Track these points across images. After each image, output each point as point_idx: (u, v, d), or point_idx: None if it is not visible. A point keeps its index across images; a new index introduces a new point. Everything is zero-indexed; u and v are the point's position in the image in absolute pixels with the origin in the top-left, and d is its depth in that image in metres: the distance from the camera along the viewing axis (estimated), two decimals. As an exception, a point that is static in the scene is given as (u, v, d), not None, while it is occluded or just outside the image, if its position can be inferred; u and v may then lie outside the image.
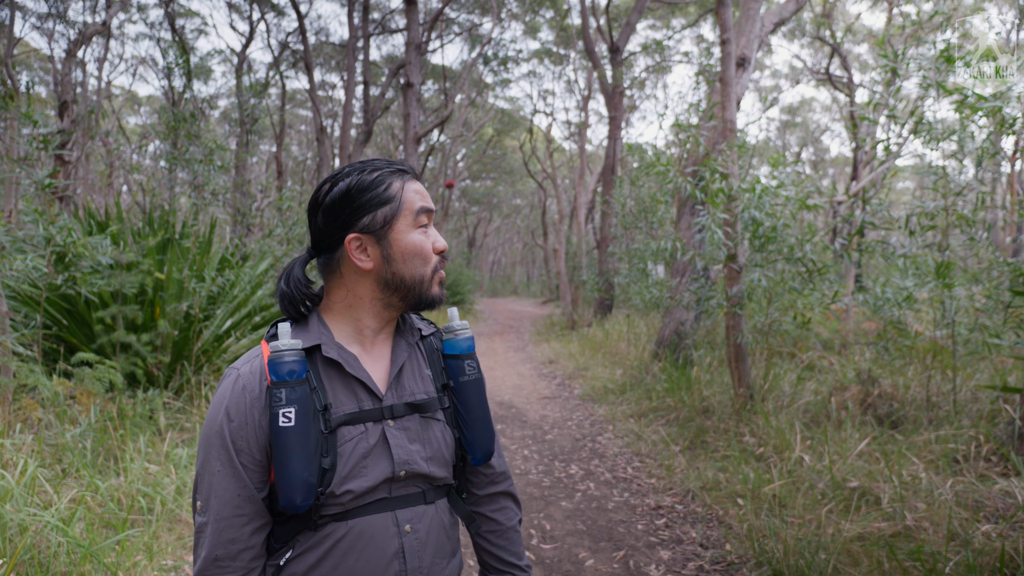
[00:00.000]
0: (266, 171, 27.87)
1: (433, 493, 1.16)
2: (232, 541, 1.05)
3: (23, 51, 20.62)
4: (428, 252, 1.13)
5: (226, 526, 1.05)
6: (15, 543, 2.51)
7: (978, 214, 4.89)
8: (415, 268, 1.12)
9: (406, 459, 1.11)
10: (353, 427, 1.09)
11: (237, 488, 1.05)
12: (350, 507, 1.08)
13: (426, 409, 1.16)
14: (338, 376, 1.12)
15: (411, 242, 1.12)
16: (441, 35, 19.86)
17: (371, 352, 1.17)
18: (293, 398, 1.03)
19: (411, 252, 1.12)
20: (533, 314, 20.92)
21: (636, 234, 12.43)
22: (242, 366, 1.10)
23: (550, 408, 6.99)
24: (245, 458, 1.05)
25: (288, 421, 1.02)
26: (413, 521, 1.12)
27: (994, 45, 3.99)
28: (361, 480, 1.07)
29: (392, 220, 1.12)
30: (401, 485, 1.12)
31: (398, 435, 1.12)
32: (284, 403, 1.02)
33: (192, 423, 4.39)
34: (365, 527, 1.08)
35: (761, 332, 5.77)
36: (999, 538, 2.81)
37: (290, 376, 1.03)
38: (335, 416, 1.08)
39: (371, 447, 1.09)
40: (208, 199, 6.52)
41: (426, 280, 1.13)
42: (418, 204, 1.13)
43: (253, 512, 1.06)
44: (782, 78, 27.12)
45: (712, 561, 3.26)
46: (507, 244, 52.79)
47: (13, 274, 4.03)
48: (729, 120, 5.43)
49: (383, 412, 1.11)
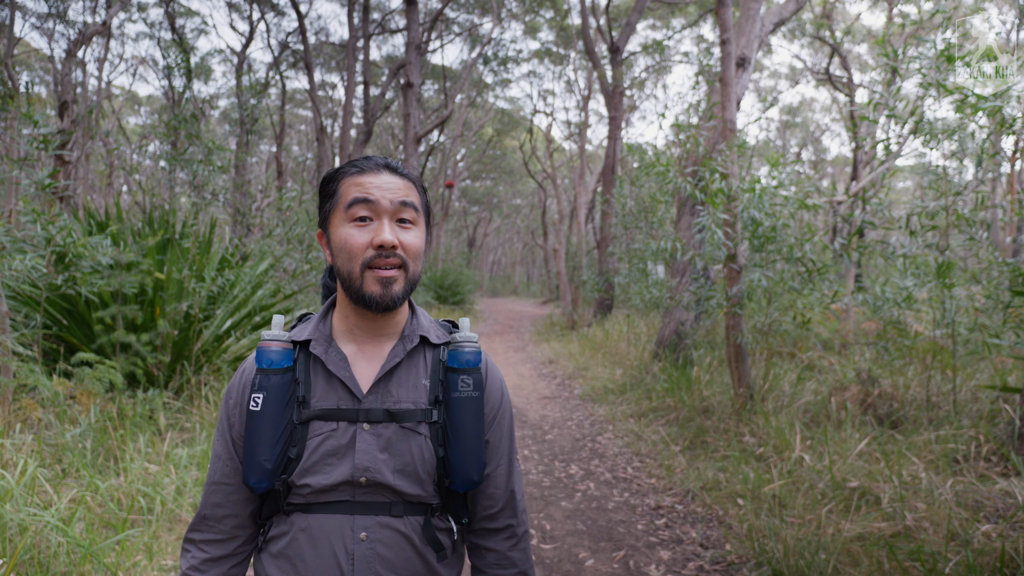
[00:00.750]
0: (266, 171, 27.87)
1: (403, 508, 1.10)
2: (218, 505, 1.15)
3: (23, 51, 20.61)
4: (353, 246, 1.07)
5: (215, 490, 1.15)
6: (15, 543, 2.51)
7: (978, 214, 4.89)
8: (343, 263, 1.09)
9: (367, 466, 1.08)
10: (325, 423, 1.10)
11: (227, 458, 1.15)
12: (311, 501, 1.10)
13: (404, 419, 1.10)
14: (323, 372, 1.13)
15: (338, 236, 1.10)
16: (441, 35, 19.86)
17: (367, 352, 1.16)
18: (265, 385, 1.08)
19: (338, 246, 1.10)
20: (533, 314, 20.92)
21: (636, 234, 12.43)
22: (253, 355, 1.16)
23: (550, 408, 6.99)
24: (235, 433, 1.15)
25: (255, 406, 1.08)
26: (371, 530, 1.08)
27: (994, 45, 3.99)
28: (321, 477, 1.08)
29: (330, 213, 1.13)
30: (365, 492, 1.09)
31: (369, 440, 1.09)
32: (256, 389, 1.09)
33: (192, 423, 4.39)
34: (321, 524, 1.09)
35: (761, 332, 5.77)
36: (999, 538, 2.81)
37: (268, 365, 1.09)
38: (311, 409, 1.10)
39: (340, 446, 1.09)
40: (208, 199, 6.52)
41: (355, 276, 1.08)
42: (351, 196, 1.08)
43: (238, 483, 1.14)
44: (782, 78, 27.12)
45: (712, 561, 3.26)
46: (507, 244, 52.79)
47: (13, 274, 4.03)
48: (729, 120, 5.42)
49: (359, 414, 1.10)
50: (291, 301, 7.06)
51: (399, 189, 1.11)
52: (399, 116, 23.88)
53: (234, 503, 1.15)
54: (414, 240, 1.11)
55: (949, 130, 4.76)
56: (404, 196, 1.10)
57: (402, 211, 1.10)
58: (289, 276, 7.68)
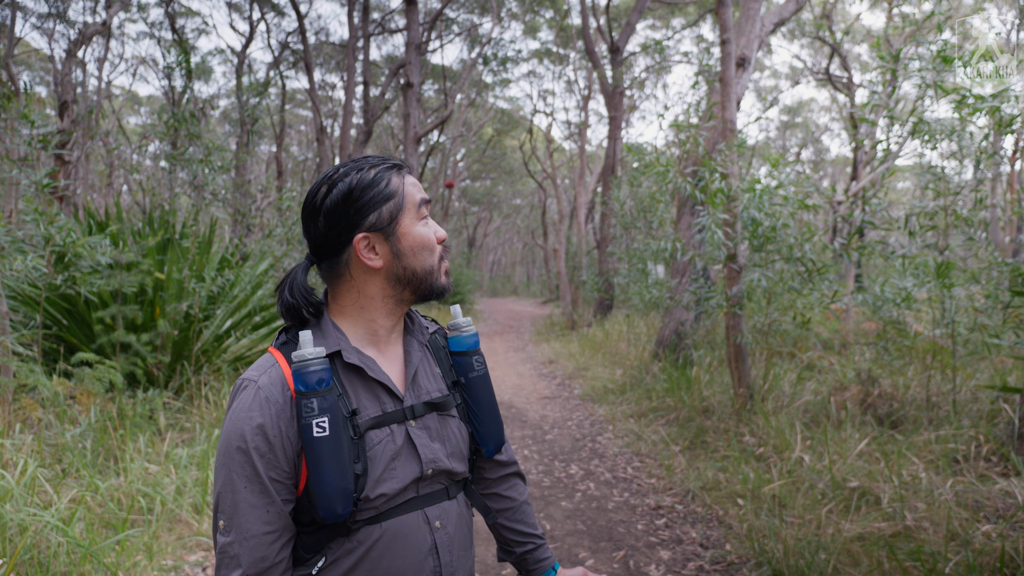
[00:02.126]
0: (266, 171, 27.87)
1: (454, 488, 1.19)
2: (263, 559, 1.02)
3: (23, 51, 20.62)
4: (434, 242, 1.15)
5: (256, 544, 1.01)
6: (15, 543, 2.51)
7: (978, 214, 4.89)
8: (424, 260, 1.13)
9: (432, 457, 1.13)
10: (379, 430, 1.10)
11: (265, 504, 1.02)
12: (383, 509, 1.08)
13: (443, 407, 1.18)
14: (360, 380, 1.11)
15: (418, 234, 1.13)
16: (441, 35, 19.86)
17: (386, 353, 1.17)
18: (325, 407, 1.00)
19: (419, 244, 1.13)
20: (533, 314, 20.92)
21: (636, 234, 12.43)
22: (259, 377, 1.05)
23: (550, 408, 6.99)
24: (274, 472, 1.02)
25: (323, 431, 0.99)
26: (441, 517, 1.15)
27: (994, 45, 3.99)
28: (392, 482, 1.08)
29: (398, 215, 1.12)
30: (427, 483, 1.14)
31: (421, 435, 1.14)
32: (317, 413, 1.00)
33: (192, 423, 4.39)
34: (399, 527, 1.09)
35: (761, 332, 5.77)
36: (999, 538, 2.81)
37: (320, 385, 1.01)
38: (362, 421, 1.08)
39: (398, 449, 1.10)
40: (208, 199, 6.52)
41: (435, 270, 1.15)
42: (419, 196, 1.15)
43: (282, 527, 1.04)
44: (782, 78, 27.13)
45: (712, 561, 3.26)
46: (507, 244, 52.79)
47: (13, 274, 4.03)
48: (729, 120, 5.43)
49: (404, 413, 1.13)
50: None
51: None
52: (399, 116, 23.88)
53: (279, 549, 1.04)
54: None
55: (948, 131, 4.76)
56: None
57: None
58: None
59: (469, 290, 21.64)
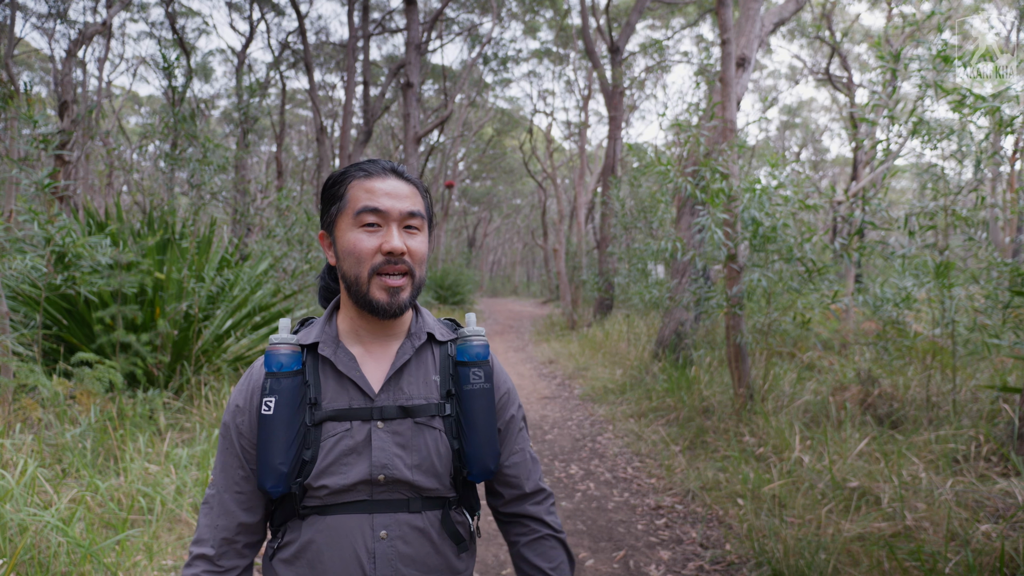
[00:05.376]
0: (266, 171, 27.87)
1: (420, 503, 1.12)
2: (230, 513, 1.14)
3: (23, 51, 20.62)
4: (362, 252, 1.08)
5: (226, 499, 1.14)
6: (15, 543, 2.51)
7: (977, 214, 4.89)
8: (349, 267, 1.10)
9: (385, 463, 1.09)
10: (338, 423, 1.10)
11: (236, 467, 1.14)
12: (328, 502, 1.10)
13: (419, 413, 1.12)
14: (332, 373, 1.13)
15: (346, 240, 1.10)
16: (441, 35, 19.86)
17: (374, 352, 1.17)
18: (276, 388, 1.08)
19: (346, 250, 1.10)
20: (533, 314, 20.91)
21: (636, 234, 12.43)
22: (258, 359, 1.18)
23: (550, 408, 6.99)
24: (244, 441, 1.14)
25: (268, 410, 1.08)
26: (391, 528, 1.10)
27: (994, 45, 3.99)
28: (338, 477, 1.08)
29: (337, 217, 1.13)
30: (383, 490, 1.11)
31: (384, 438, 1.10)
32: (267, 393, 1.08)
33: (192, 423, 4.39)
34: (339, 525, 1.09)
35: (761, 332, 5.77)
36: (999, 538, 2.81)
37: (278, 368, 1.09)
38: (323, 411, 1.10)
39: (355, 445, 1.09)
40: (207, 199, 6.52)
41: (361, 281, 1.09)
42: (361, 203, 1.09)
43: (250, 491, 1.14)
44: (782, 78, 27.13)
45: (712, 561, 3.26)
46: (507, 244, 52.78)
47: (13, 274, 4.03)
48: (729, 120, 5.42)
49: (372, 412, 1.11)
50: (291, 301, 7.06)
51: (407, 197, 1.12)
52: (399, 116, 23.87)
53: (244, 510, 1.14)
54: (420, 246, 1.13)
55: (947, 131, 4.76)
56: (412, 206, 1.12)
57: (409, 219, 1.12)
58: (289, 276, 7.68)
59: (469, 290, 21.63)
